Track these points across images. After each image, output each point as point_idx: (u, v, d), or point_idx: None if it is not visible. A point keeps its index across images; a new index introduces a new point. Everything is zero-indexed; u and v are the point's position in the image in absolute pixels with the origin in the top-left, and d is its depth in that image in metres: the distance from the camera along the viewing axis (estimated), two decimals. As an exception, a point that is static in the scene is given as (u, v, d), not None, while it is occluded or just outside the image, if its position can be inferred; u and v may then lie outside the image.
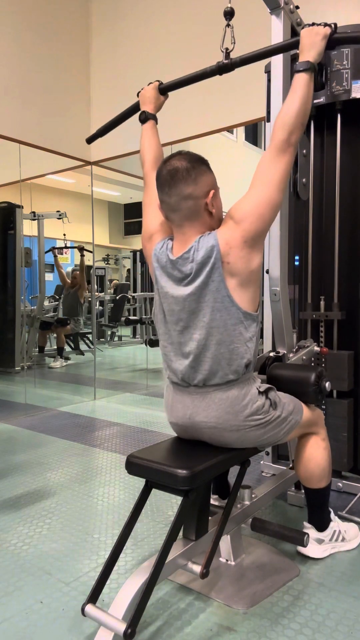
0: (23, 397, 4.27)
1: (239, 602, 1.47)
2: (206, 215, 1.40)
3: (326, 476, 1.67)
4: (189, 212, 1.38)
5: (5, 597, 1.51)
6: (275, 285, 1.88)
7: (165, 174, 1.38)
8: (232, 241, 1.33)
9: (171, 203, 1.38)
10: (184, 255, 1.37)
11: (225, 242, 1.33)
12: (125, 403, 4.24)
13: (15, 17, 3.60)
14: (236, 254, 1.33)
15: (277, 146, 1.37)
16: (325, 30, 1.46)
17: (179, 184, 1.35)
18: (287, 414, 1.51)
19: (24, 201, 4.94)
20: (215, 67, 1.67)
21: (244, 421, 1.41)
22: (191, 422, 1.45)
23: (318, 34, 1.46)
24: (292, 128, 1.37)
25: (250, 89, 2.95)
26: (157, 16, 3.69)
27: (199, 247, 1.35)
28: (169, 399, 1.53)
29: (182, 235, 1.41)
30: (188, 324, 1.40)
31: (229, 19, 1.70)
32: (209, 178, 1.40)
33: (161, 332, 1.50)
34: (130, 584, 1.25)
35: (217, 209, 1.42)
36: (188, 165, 1.36)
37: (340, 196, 2.19)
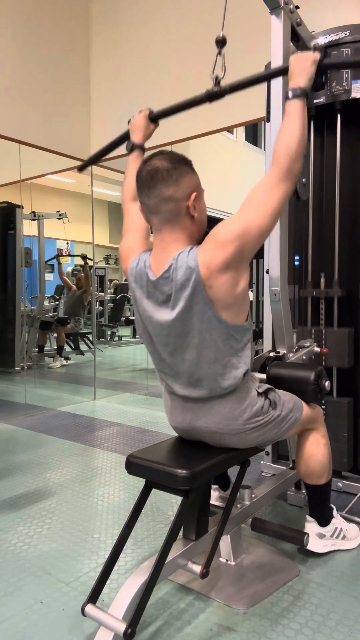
0: (23, 397, 4.27)
1: (239, 602, 1.47)
2: (187, 219, 1.33)
3: (326, 473, 1.68)
4: (169, 215, 1.31)
5: (5, 597, 1.51)
6: (275, 285, 1.88)
7: (145, 174, 1.31)
8: (213, 265, 1.24)
9: (151, 205, 1.32)
10: (164, 274, 1.30)
11: (206, 266, 1.24)
12: (125, 403, 4.24)
13: (15, 17, 3.60)
14: (217, 278, 1.24)
15: (279, 174, 1.29)
16: (315, 55, 1.42)
17: (158, 185, 1.28)
18: (287, 412, 1.51)
19: (24, 201, 4.94)
20: (205, 95, 1.63)
21: (244, 424, 1.41)
22: (191, 426, 1.45)
23: (307, 60, 1.41)
24: (296, 156, 1.31)
25: (250, 89, 2.94)
26: (157, 17, 3.69)
27: (178, 265, 1.27)
28: (167, 404, 1.53)
29: (160, 242, 1.34)
30: (177, 347, 1.35)
31: (220, 47, 1.66)
32: (191, 179, 1.33)
33: (150, 351, 1.46)
34: (130, 584, 1.25)
35: (200, 212, 1.35)
36: (169, 166, 1.29)
37: (340, 196, 2.19)
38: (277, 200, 1.29)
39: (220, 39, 1.67)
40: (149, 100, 3.82)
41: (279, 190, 1.29)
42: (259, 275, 4.92)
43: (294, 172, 1.31)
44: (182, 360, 1.37)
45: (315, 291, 2.24)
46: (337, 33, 2.12)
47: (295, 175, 1.32)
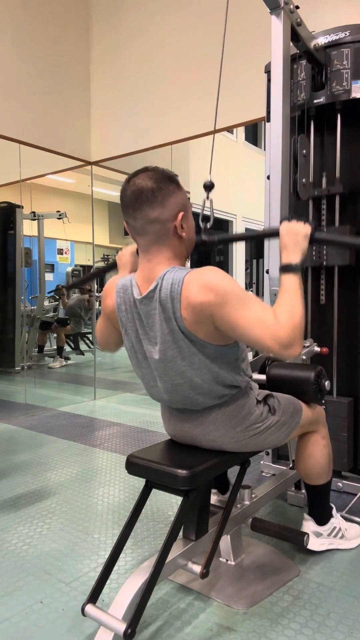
0: (23, 397, 4.27)
1: (239, 602, 1.47)
2: (175, 239, 1.29)
3: (325, 473, 1.68)
4: (155, 237, 1.27)
5: (5, 597, 1.51)
6: (275, 285, 1.88)
7: (129, 195, 1.25)
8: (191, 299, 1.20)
9: (137, 227, 1.27)
10: (149, 294, 1.26)
11: (186, 296, 1.20)
12: (125, 403, 4.24)
13: (15, 18, 3.60)
14: (190, 313, 1.21)
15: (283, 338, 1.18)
16: (306, 229, 1.38)
17: (143, 207, 1.23)
18: (286, 417, 1.51)
19: (24, 201, 4.94)
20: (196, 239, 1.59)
21: (242, 432, 1.41)
22: (189, 434, 1.45)
23: (299, 234, 1.37)
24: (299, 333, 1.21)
25: (250, 89, 2.95)
26: (157, 17, 3.69)
27: (163, 285, 1.23)
28: (165, 412, 1.52)
29: (147, 262, 1.30)
30: (167, 372, 1.32)
31: (208, 192, 1.63)
32: (177, 198, 1.27)
33: (140, 375, 1.44)
34: (130, 584, 1.25)
35: (188, 230, 1.31)
36: (154, 186, 1.23)
37: (340, 196, 2.19)
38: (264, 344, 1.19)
39: (209, 184, 1.64)
40: (149, 100, 3.83)
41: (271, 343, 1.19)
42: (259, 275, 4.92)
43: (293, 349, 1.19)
44: (173, 385, 1.35)
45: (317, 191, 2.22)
46: (337, 33, 2.12)
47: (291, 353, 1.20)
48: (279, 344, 1.18)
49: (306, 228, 1.38)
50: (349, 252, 2.15)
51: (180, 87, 3.56)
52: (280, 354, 1.19)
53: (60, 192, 6.27)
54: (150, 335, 1.31)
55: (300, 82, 2.22)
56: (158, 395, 1.44)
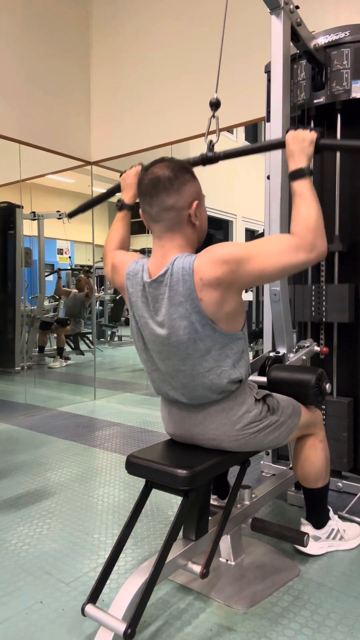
0: (23, 397, 4.27)
1: (239, 602, 1.47)
2: (189, 227, 1.34)
3: (323, 477, 1.68)
4: (170, 224, 1.32)
5: (5, 597, 1.51)
6: (275, 285, 1.88)
7: (147, 183, 1.31)
8: (205, 278, 1.23)
9: (152, 213, 1.32)
10: (159, 278, 1.29)
11: (199, 277, 1.24)
12: (125, 403, 4.24)
13: (16, 17, 3.60)
14: (208, 292, 1.24)
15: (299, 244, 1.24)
16: (312, 135, 1.38)
17: (160, 194, 1.29)
18: (285, 417, 1.51)
19: (24, 201, 4.94)
20: (199, 158, 1.62)
21: (241, 431, 1.41)
22: (189, 433, 1.45)
23: (305, 140, 1.38)
24: (320, 232, 1.26)
25: (250, 89, 2.95)
26: (157, 18, 3.70)
27: (174, 270, 1.27)
28: (164, 410, 1.52)
29: (160, 248, 1.34)
30: (170, 355, 1.34)
31: (214, 110, 1.65)
32: (192, 187, 1.32)
33: (143, 359, 1.45)
34: (130, 584, 1.25)
35: (201, 220, 1.36)
36: (170, 175, 1.29)
37: (340, 196, 2.19)
38: (291, 262, 1.24)
39: (215, 101, 1.66)
40: (149, 101, 3.83)
41: (296, 256, 1.24)
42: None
43: (318, 248, 1.25)
44: (175, 370, 1.36)
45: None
46: (337, 33, 2.12)
47: (319, 252, 1.25)
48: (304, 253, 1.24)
49: (312, 134, 1.40)
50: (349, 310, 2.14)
51: (180, 87, 3.56)
52: (309, 260, 1.25)
53: (60, 192, 6.27)
54: (157, 319, 1.33)
55: (300, 82, 2.23)
56: (158, 381, 1.44)
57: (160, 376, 1.42)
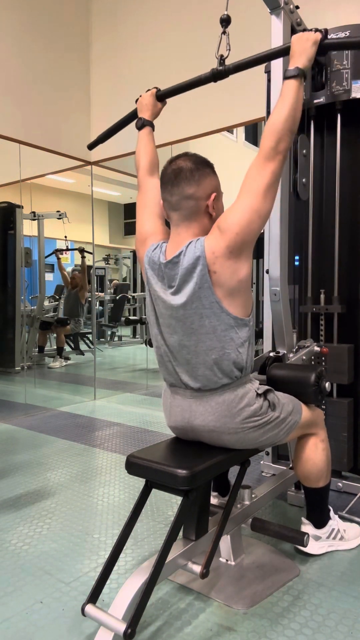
0: (23, 397, 4.27)
1: (239, 602, 1.47)
2: (206, 217, 1.40)
3: (324, 477, 1.68)
4: (188, 213, 1.38)
5: (5, 597, 1.51)
6: (275, 285, 1.88)
7: (169, 173, 1.39)
8: (217, 250, 1.31)
9: (172, 202, 1.39)
10: (174, 259, 1.37)
11: (211, 251, 1.31)
12: (125, 403, 4.24)
13: (16, 17, 3.60)
14: (222, 264, 1.31)
15: (265, 154, 1.34)
16: (316, 36, 1.43)
17: (181, 184, 1.36)
18: (286, 414, 1.51)
19: (24, 201, 4.94)
20: (210, 74, 1.69)
21: (241, 423, 1.41)
22: (190, 425, 1.46)
23: (308, 40, 1.42)
24: (281, 135, 1.33)
25: (250, 89, 2.95)
26: (157, 17, 3.70)
27: (187, 252, 1.35)
28: (167, 402, 1.53)
29: (177, 236, 1.41)
30: (177, 330, 1.39)
31: (224, 26, 1.70)
32: (212, 181, 1.40)
33: (154, 333, 1.49)
34: (130, 584, 1.25)
35: (218, 212, 1.41)
36: (192, 166, 1.37)
37: (340, 196, 2.19)
38: (267, 180, 1.32)
39: (225, 17, 1.70)
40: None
41: (267, 169, 1.33)
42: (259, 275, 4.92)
43: (280, 151, 1.34)
44: (180, 345, 1.40)
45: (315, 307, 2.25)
46: (337, 33, 2.12)
47: (282, 154, 1.34)
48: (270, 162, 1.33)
49: (316, 35, 1.44)
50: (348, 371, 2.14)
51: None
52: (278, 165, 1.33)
53: (60, 192, 6.27)
54: (170, 295, 1.39)
55: (300, 82, 2.22)
56: (164, 357, 1.47)
57: (166, 352, 1.46)
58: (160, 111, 1.87)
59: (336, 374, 2.15)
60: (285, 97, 1.38)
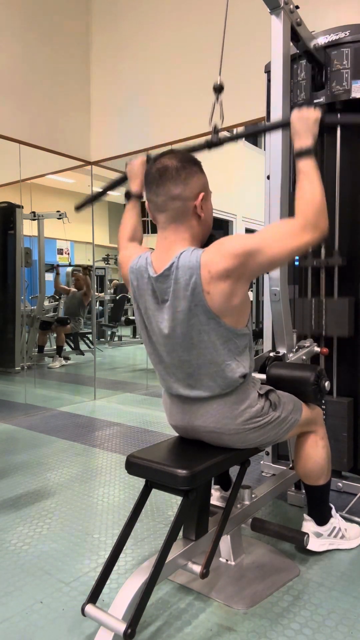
0: (23, 397, 4.27)
1: (239, 602, 1.47)
2: (194, 219, 1.34)
3: (324, 474, 1.68)
4: (175, 214, 1.32)
5: (5, 597, 1.51)
6: (275, 285, 1.88)
7: (154, 172, 1.32)
8: (213, 270, 1.24)
9: (158, 202, 1.32)
10: (165, 272, 1.30)
11: (207, 269, 1.24)
12: (125, 403, 4.24)
13: (16, 17, 3.60)
14: (216, 286, 1.25)
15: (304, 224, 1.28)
16: (316, 114, 1.43)
17: (167, 183, 1.30)
18: (286, 413, 1.51)
19: (24, 201, 4.94)
20: (204, 143, 1.62)
21: (243, 425, 1.41)
22: (191, 425, 1.46)
23: (309, 119, 1.41)
24: (322, 211, 1.31)
25: (250, 89, 2.95)
26: (157, 17, 3.69)
27: (180, 264, 1.28)
28: (167, 404, 1.53)
29: (164, 240, 1.35)
30: (175, 347, 1.35)
31: (217, 94, 1.65)
32: (200, 180, 1.34)
33: (149, 351, 1.46)
34: (130, 584, 1.25)
35: (207, 213, 1.36)
36: (178, 165, 1.30)
37: (340, 196, 2.19)
38: (299, 244, 1.28)
39: (218, 86, 1.65)
40: (149, 100, 3.83)
41: (303, 237, 1.28)
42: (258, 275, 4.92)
43: (320, 227, 1.30)
44: (180, 361, 1.37)
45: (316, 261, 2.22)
46: (337, 33, 2.12)
47: (321, 230, 1.30)
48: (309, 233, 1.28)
49: (316, 113, 1.43)
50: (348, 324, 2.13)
51: (181, 86, 3.56)
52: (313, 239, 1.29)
53: (60, 192, 6.26)
54: (164, 311, 1.34)
55: (300, 82, 2.23)
56: (164, 373, 1.45)
57: (165, 368, 1.43)
58: None
59: (337, 327, 2.14)
60: (312, 176, 1.34)
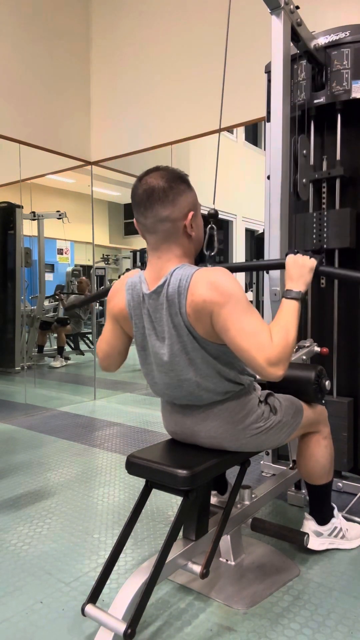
0: (23, 397, 4.27)
1: (239, 602, 1.47)
2: (184, 237, 1.32)
3: (327, 474, 1.68)
4: (165, 235, 1.29)
5: (5, 597, 1.51)
6: (275, 285, 1.88)
7: (141, 194, 1.28)
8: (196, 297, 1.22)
9: (147, 225, 1.30)
10: (157, 289, 1.29)
11: (191, 293, 1.22)
12: (125, 403, 4.24)
13: (16, 17, 3.60)
14: (196, 312, 1.23)
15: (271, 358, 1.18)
16: (312, 263, 1.43)
17: (155, 206, 1.26)
18: (287, 418, 1.51)
19: (24, 201, 4.94)
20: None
21: (243, 431, 1.41)
22: (190, 431, 1.45)
23: (304, 266, 1.42)
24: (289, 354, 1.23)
25: (250, 89, 2.95)
26: (157, 17, 3.69)
27: (171, 281, 1.26)
28: (165, 409, 1.53)
29: (157, 259, 1.32)
30: (173, 367, 1.34)
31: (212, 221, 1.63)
32: (188, 198, 1.30)
33: (144, 371, 1.45)
34: (130, 584, 1.25)
35: (197, 230, 1.34)
36: (165, 186, 1.26)
37: (341, 179, 2.18)
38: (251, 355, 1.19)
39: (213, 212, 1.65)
40: (149, 100, 3.83)
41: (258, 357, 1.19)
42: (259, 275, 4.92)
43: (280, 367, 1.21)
44: (179, 381, 1.36)
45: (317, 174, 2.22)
46: (337, 33, 2.12)
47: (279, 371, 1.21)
48: (267, 361, 1.18)
49: (311, 262, 1.43)
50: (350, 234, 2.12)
51: (180, 86, 3.56)
52: (264, 371, 1.19)
53: (60, 192, 6.27)
54: (158, 330, 1.33)
55: (300, 82, 2.23)
56: (162, 391, 1.44)
57: (161, 385, 1.42)
58: None
59: (338, 238, 2.13)
60: (290, 317, 1.30)
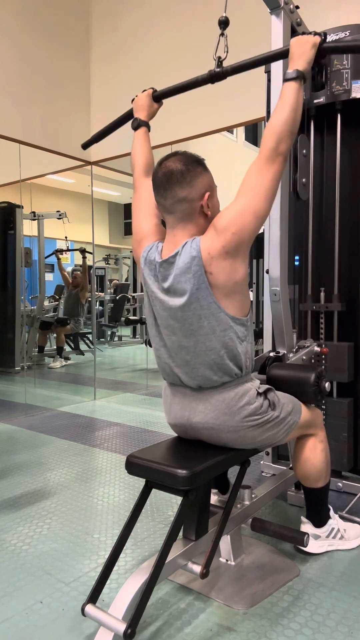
0: (23, 397, 4.27)
1: (239, 602, 1.47)
2: (201, 217, 1.38)
3: (323, 477, 1.68)
4: (183, 215, 1.37)
5: (5, 597, 1.51)
6: (275, 285, 1.88)
7: (160, 177, 1.36)
8: (213, 251, 1.30)
9: (166, 205, 1.38)
10: (170, 259, 1.36)
11: (207, 252, 1.30)
12: (125, 403, 4.24)
13: (16, 17, 3.60)
14: (218, 264, 1.30)
15: (265, 155, 1.33)
16: (315, 39, 1.43)
17: (173, 187, 1.34)
18: (285, 414, 1.51)
19: (24, 201, 4.94)
20: (207, 75, 1.67)
21: (241, 422, 1.41)
22: (189, 422, 1.46)
23: (307, 43, 1.43)
24: (282, 137, 1.33)
25: (250, 89, 2.95)
26: (157, 17, 3.69)
27: (183, 252, 1.34)
28: (167, 400, 1.54)
29: (172, 237, 1.40)
30: (176, 331, 1.39)
31: (223, 28, 1.69)
32: (205, 179, 1.37)
33: (152, 334, 1.49)
34: (130, 584, 1.25)
35: (214, 210, 1.40)
36: (183, 168, 1.34)
37: (341, 196, 2.19)
38: (268, 181, 1.32)
39: (223, 19, 1.69)
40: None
41: (269, 171, 1.33)
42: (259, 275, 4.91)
43: (281, 152, 1.33)
44: (179, 346, 1.40)
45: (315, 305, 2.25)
46: (337, 33, 2.12)
47: (283, 155, 1.34)
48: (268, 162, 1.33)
49: (315, 38, 1.44)
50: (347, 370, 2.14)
51: (180, 87, 3.55)
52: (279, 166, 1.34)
53: (60, 192, 6.27)
54: (166, 296, 1.38)
55: (300, 82, 2.22)
56: (164, 357, 1.47)
57: (166, 352, 1.46)
58: (157, 112, 1.85)
59: (336, 373, 2.15)
60: (285, 100, 1.37)
